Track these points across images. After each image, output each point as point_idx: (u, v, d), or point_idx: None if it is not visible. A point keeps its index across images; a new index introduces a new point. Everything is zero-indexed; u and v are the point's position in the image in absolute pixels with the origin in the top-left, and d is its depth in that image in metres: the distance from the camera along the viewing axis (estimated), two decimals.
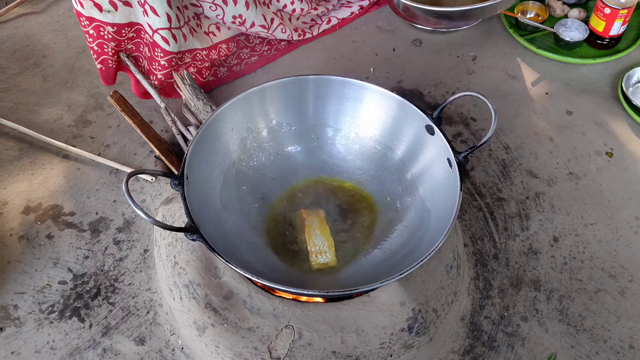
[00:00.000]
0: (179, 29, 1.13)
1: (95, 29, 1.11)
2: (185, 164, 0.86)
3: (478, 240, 1.09)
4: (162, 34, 1.11)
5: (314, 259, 0.91)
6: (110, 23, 1.10)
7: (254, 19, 1.23)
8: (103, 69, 1.19)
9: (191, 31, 1.19)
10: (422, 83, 1.37)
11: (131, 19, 1.12)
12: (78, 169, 1.21)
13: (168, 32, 1.11)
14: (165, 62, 1.16)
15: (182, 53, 1.18)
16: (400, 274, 0.77)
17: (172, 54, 1.15)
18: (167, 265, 0.97)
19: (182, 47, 1.17)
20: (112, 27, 1.11)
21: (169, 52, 1.14)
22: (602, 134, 1.25)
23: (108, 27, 1.11)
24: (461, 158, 0.88)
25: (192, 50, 1.21)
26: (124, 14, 1.10)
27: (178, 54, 1.17)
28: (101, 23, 1.10)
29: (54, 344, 0.97)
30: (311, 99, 1.03)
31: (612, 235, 1.09)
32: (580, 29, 1.39)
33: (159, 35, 1.11)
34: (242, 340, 0.87)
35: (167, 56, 1.15)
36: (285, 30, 1.33)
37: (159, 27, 1.09)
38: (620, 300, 1.01)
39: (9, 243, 1.09)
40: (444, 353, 0.95)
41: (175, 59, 1.17)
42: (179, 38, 1.14)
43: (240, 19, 1.22)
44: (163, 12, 1.07)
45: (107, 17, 1.09)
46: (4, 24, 1.55)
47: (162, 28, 1.10)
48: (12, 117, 1.30)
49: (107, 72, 1.20)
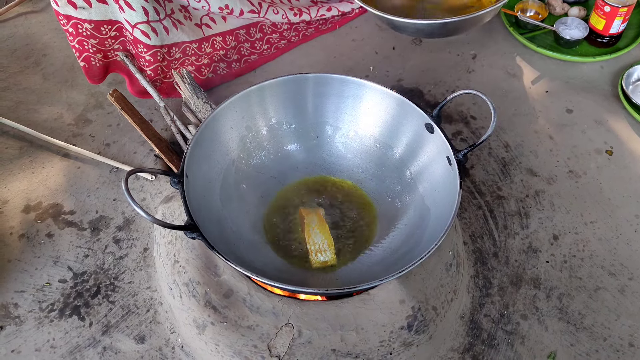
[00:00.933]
0: (158, 22, 1.12)
1: (74, 26, 1.11)
2: (185, 162, 0.86)
3: (478, 239, 1.09)
4: (141, 28, 1.10)
5: (314, 257, 0.91)
6: (87, 20, 1.11)
7: (241, 7, 1.22)
8: (86, 66, 1.19)
9: (174, 24, 1.18)
10: (422, 81, 1.37)
11: (109, 17, 1.12)
12: (78, 167, 1.21)
13: (147, 26, 1.10)
14: (149, 56, 1.16)
15: (167, 47, 1.17)
16: (399, 271, 0.77)
17: (155, 48, 1.15)
18: (167, 264, 0.97)
19: (164, 40, 1.16)
20: (90, 23, 1.11)
21: (151, 46, 1.14)
22: (602, 132, 1.25)
23: (85, 24, 1.11)
24: (461, 156, 0.88)
25: (178, 43, 1.20)
26: (99, 10, 1.10)
27: (162, 47, 1.16)
28: (78, 20, 1.11)
29: (54, 342, 0.97)
30: (311, 97, 1.03)
31: (612, 233, 1.09)
32: (580, 27, 1.39)
33: (138, 30, 1.11)
34: (242, 338, 0.87)
35: (150, 50, 1.15)
36: (277, 11, 1.31)
37: (137, 22, 1.09)
38: (620, 298, 1.01)
39: (9, 242, 1.09)
40: (443, 351, 0.95)
41: (160, 53, 1.17)
42: (160, 31, 1.14)
43: (227, 8, 1.21)
44: (139, 6, 1.06)
45: (82, 14, 1.10)
46: (4, 23, 1.55)
47: (140, 22, 1.09)
48: (12, 115, 1.30)
49: (91, 70, 1.20)
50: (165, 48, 1.18)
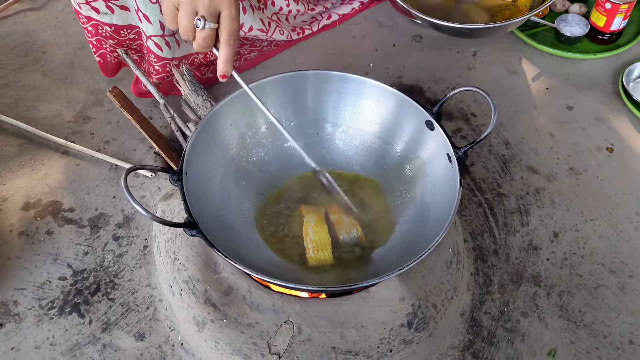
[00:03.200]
0: (172, 36, 1.12)
1: (94, 26, 1.13)
2: (185, 159, 0.86)
3: (478, 236, 1.09)
4: (155, 40, 1.11)
5: (311, 255, 0.91)
6: (108, 23, 1.12)
7: (252, 23, 1.23)
8: (101, 62, 1.22)
9: None
10: (422, 78, 1.36)
11: (129, 22, 1.13)
12: (77, 165, 1.21)
13: (161, 39, 1.11)
14: (159, 67, 1.17)
15: (177, 59, 1.18)
16: (399, 269, 0.77)
17: (165, 60, 1.16)
18: (166, 261, 0.97)
19: (175, 53, 1.16)
20: (110, 27, 1.12)
21: (162, 58, 1.15)
22: (603, 130, 1.24)
23: (106, 27, 1.12)
24: (461, 153, 0.88)
25: (187, 55, 1.20)
26: (121, 16, 1.11)
27: (173, 60, 1.17)
28: (99, 22, 1.11)
29: (54, 339, 0.97)
30: (310, 94, 1.03)
31: (613, 230, 1.09)
32: (580, 24, 1.38)
33: (152, 41, 1.11)
34: (242, 335, 0.87)
35: (160, 62, 1.16)
36: (283, 32, 1.32)
37: (152, 34, 1.10)
38: (620, 295, 1.00)
39: (9, 239, 1.09)
40: (443, 348, 0.95)
41: (169, 65, 1.17)
42: (173, 45, 1.14)
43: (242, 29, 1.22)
44: (156, 20, 1.07)
45: (104, 18, 1.11)
46: (3, 20, 1.54)
47: (155, 35, 1.10)
48: (12, 113, 1.29)
49: (106, 65, 1.23)
50: (176, 60, 1.18)
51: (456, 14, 1.34)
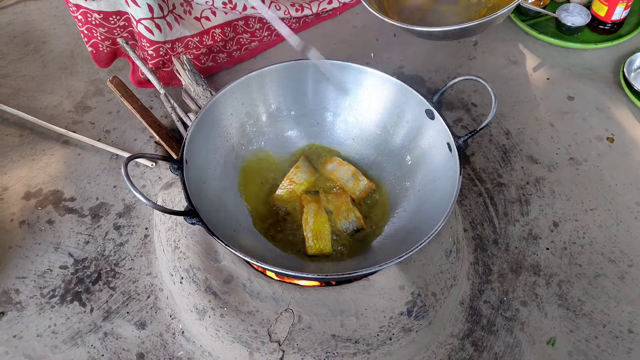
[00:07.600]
0: (162, 18, 1.12)
1: (83, 15, 1.12)
2: (185, 148, 0.86)
3: (478, 225, 1.09)
4: (145, 24, 1.10)
5: (310, 244, 0.91)
6: (96, 10, 1.11)
7: (244, 2, 1.22)
8: (94, 51, 1.21)
9: (177, 19, 1.18)
10: (423, 68, 1.36)
11: (118, 8, 1.13)
12: (78, 154, 1.21)
13: (151, 22, 1.11)
14: (152, 51, 1.16)
15: (170, 42, 1.17)
16: (399, 257, 0.77)
17: (158, 44, 1.15)
18: (167, 250, 0.97)
19: (167, 36, 1.16)
20: (99, 14, 1.12)
21: (154, 41, 1.14)
22: (604, 120, 1.24)
23: (94, 14, 1.12)
24: (461, 142, 0.88)
25: (181, 38, 1.20)
26: (108, 2, 1.11)
27: (165, 43, 1.16)
28: (87, 10, 1.11)
29: (56, 328, 0.97)
30: (311, 83, 1.03)
31: (612, 220, 1.09)
32: (582, 13, 1.38)
33: (142, 25, 1.11)
34: (242, 323, 0.87)
35: (153, 46, 1.15)
36: (280, 7, 1.31)
37: (142, 18, 1.09)
38: (619, 284, 1.01)
39: (10, 228, 1.10)
40: (443, 337, 0.95)
41: (163, 49, 1.17)
42: (164, 28, 1.14)
43: (231, 3, 1.21)
44: (144, 3, 1.06)
45: (92, 5, 1.10)
46: (3, 10, 1.54)
47: (144, 18, 1.09)
48: (12, 103, 1.29)
49: (99, 55, 1.22)
50: (169, 44, 1.18)
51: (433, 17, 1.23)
